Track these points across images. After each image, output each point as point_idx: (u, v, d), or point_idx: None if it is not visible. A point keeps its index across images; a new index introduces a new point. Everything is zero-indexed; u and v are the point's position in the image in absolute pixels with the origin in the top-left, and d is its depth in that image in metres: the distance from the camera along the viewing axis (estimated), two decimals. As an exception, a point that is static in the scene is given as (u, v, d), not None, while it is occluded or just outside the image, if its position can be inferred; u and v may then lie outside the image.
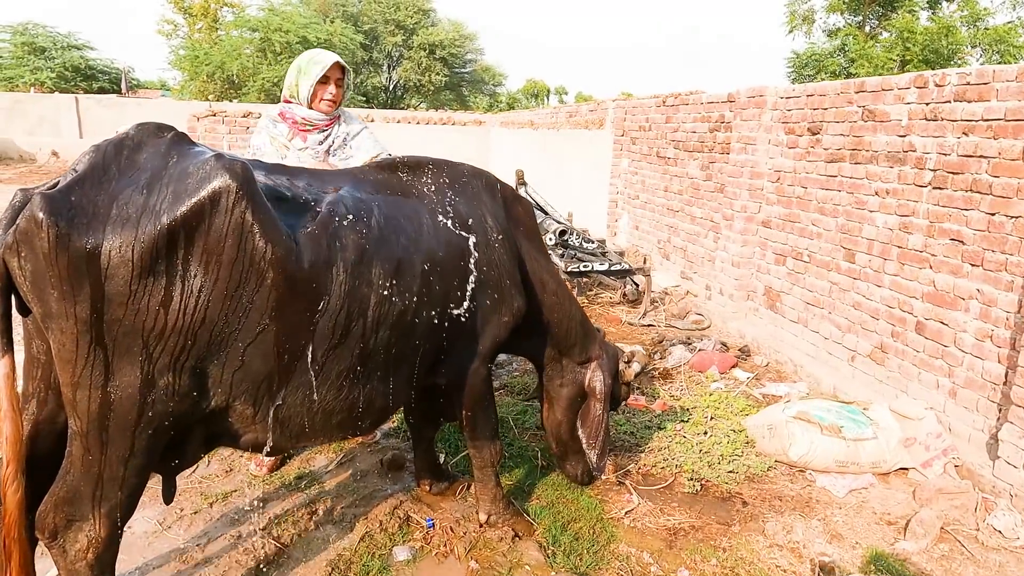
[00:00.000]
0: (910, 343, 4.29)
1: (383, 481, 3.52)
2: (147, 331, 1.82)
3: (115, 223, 1.76)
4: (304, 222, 2.13)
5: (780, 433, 3.82)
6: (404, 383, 2.54)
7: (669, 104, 7.88)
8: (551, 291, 3.07)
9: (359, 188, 2.44)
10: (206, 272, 1.88)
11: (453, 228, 2.62)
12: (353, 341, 2.24)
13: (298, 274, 2.03)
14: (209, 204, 1.86)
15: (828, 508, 3.45)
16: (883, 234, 4.52)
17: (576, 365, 3.22)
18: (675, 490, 3.59)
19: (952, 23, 15.05)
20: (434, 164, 2.76)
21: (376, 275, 2.26)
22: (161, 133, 2.01)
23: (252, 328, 1.99)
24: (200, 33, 34.28)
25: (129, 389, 1.84)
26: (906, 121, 4.33)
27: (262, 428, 2.18)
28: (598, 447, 3.16)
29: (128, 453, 1.92)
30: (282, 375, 2.12)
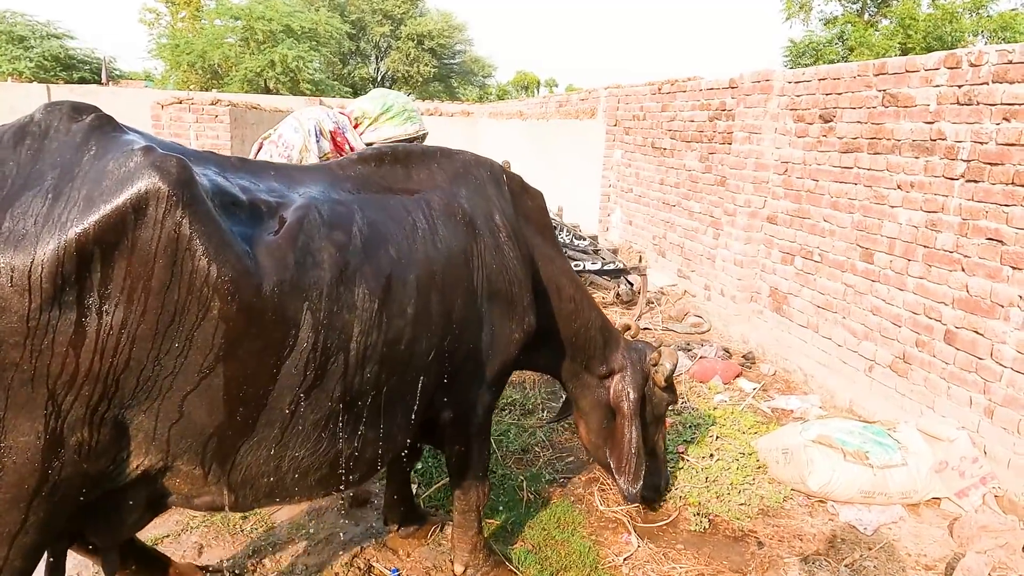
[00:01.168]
0: (938, 354, 3.85)
1: (342, 521, 3.04)
2: (52, 378, 1.43)
3: (8, 241, 1.36)
4: (264, 233, 1.67)
5: (797, 459, 3.37)
6: (400, 426, 2.06)
7: (665, 91, 7.41)
8: (568, 296, 2.62)
9: (336, 187, 1.94)
10: (130, 302, 1.46)
11: (455, 230, 2.12)
12: (332, 382, 1.77)
13: (254, 302, 1.58)
14: (132, 213, 1.43)
15: (856, 549, 3.01)
16: (907, 232, 4.07)
17: (598, 379, 2.79)
18: (680, 527, 3.13)
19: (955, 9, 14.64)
20: (427, 153, 2.27)
21: (360, 297, 1.79)
22: (78, 116, 1.54)
23: (193, 372, 1.57)
24: (183, 22, 33.52)
25: (27, 451, 1.45)
26: (935, 106, 3.87)
27: (217, 490, 1.76)
28: (629, 472, 2.73)
29: (16, 530, 1.51)
30: (236, 430, 1.68)
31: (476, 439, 2.46)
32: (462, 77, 42.22)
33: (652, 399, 2.90)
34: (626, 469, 2.73)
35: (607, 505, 3.26)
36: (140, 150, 1.50)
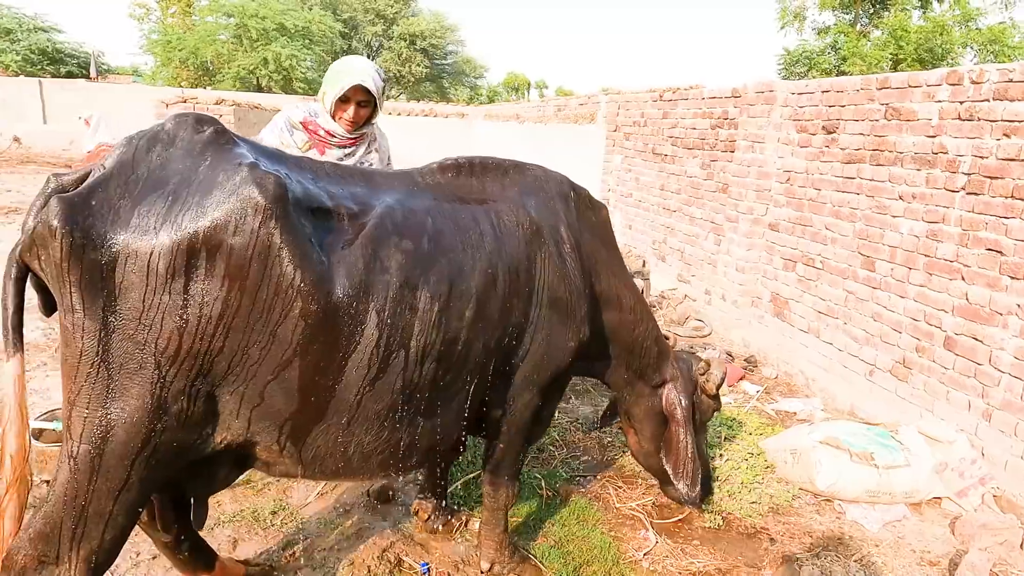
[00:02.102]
0: (937, 359, 4.00)
1: (370, 516, 3.13)
2: (159, 351, 1.66)
3: (133, 234, 1.61)
4: (343, 240, 1.86)
5: (806, 459, 3.50)
6: (453, 419, 2.24)
7: (667, 99, 7.54)
8: (628, 308, 2.75)
9: (413, 196, 2.12)
10: (227, 296, 1.68)
11: (520, 240, 2.28)
12: (393, 376, 1.97)
13: (329, 303, 1.79)
14: (235, 223, 1.66)
15: (864, 545, 3.14)
16: (908, 241, 4.22)
17: (651, 388, 2.93)
18: (694, 524, 3.25)
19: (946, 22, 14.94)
20: (501, 167, 2.45)
21: (422, 300, 1.98)
22: (200, 128, 1.78)
23: (274, 362, 1.77)
24: (173, 18, 33.28)
25: (136, 413, 1.67)
26: (936, 120, 4.02)
27: (291, 463, 1.98)
28: (687, 476, 2.87)
29: (121, 486, 1.71)
30: (308, 415, 1.89)
31: (517, 442, 2.56)
32: (453, 78, 42.25)
33: (699, 406, 3.03)
34: (684, 474, 2.86)
35: (623, 502, 3.37)
36: (246, 165, 1.71)
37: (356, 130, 2.94)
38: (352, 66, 2.85)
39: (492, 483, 2.66)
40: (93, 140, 9.75)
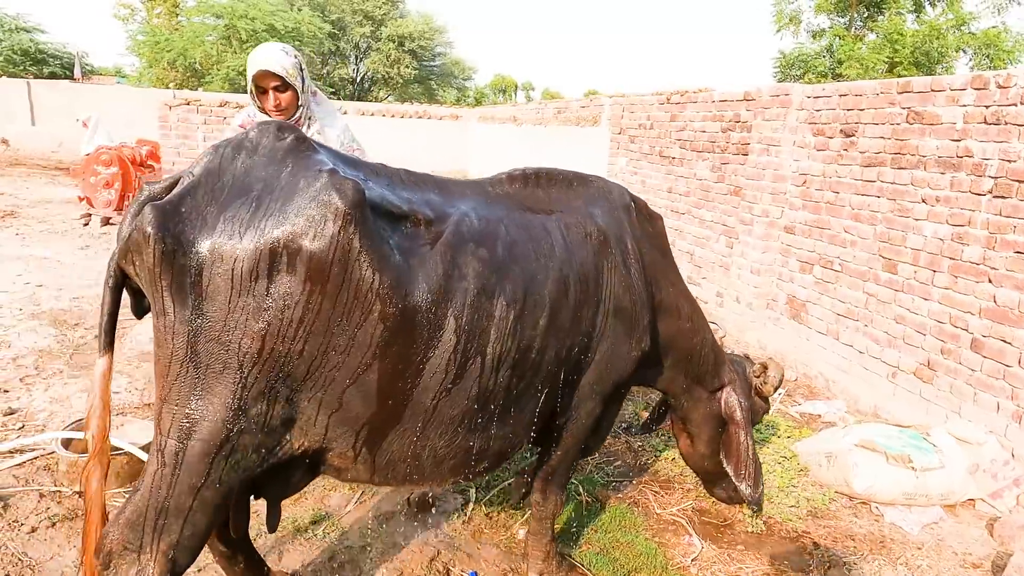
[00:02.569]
0: (964, 361, 4.03)
1: (412, 524, 3.09)
2: (242, 352, 1.68)
3: (220, 239, 1.64)
4: (420, 246, 1.88)
5: (842, 462, 3.51)
6: (523, 426, 2.26)
7: (674, 102, 7.55)
8: (686, 316, 2.76)
9: (486, 205, 2.14)
10: (308, 300, 1.69)
11: (588, 250, 2.30)
12: (469, 382, 1.97)
13: (407, 308, 1.80)
14: (315, 229, 1.67)
15: (906, 549, 3.15)
16: (932, 244, 4.25)
17: (709, 393, 2.93)
18: (736, 529, 3.24)
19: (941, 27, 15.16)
20: (566, 178, 2.48)
21: (499, 307, 1.99)
22: (281, 135, 1.82)
23: (353, 367, 1.78)
24: (159, 18, 32.93)
25: (218, 412, 1.70)
26: (961, 124, 4.05)
27: (363, 469, 2.00)
28: (750, 477, 2.85)
29: (201, 482, 1.75)
30: (385, 421, 1.90)
31: (573, 449, 2.56)
32: (441, 79, 42.17)
33: (753, 408, 3.03)
34: (746, 475, 2.86)
35: (663, 508, 3.35)
36: (326, 172, 1.72)
37: (290, 117, 2.93)
38: (254, 56, 2.84)
39: (543, 491, 2.65)
40: (92, 142, 9.65)
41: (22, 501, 3.05)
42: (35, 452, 3.44)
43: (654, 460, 3.83)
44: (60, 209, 10.23)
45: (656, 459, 3.83)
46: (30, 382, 4.31)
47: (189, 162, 7.95)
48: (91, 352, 4.86)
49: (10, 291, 5.94)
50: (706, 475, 3.16)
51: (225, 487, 1.78)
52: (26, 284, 6.18)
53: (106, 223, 9.08)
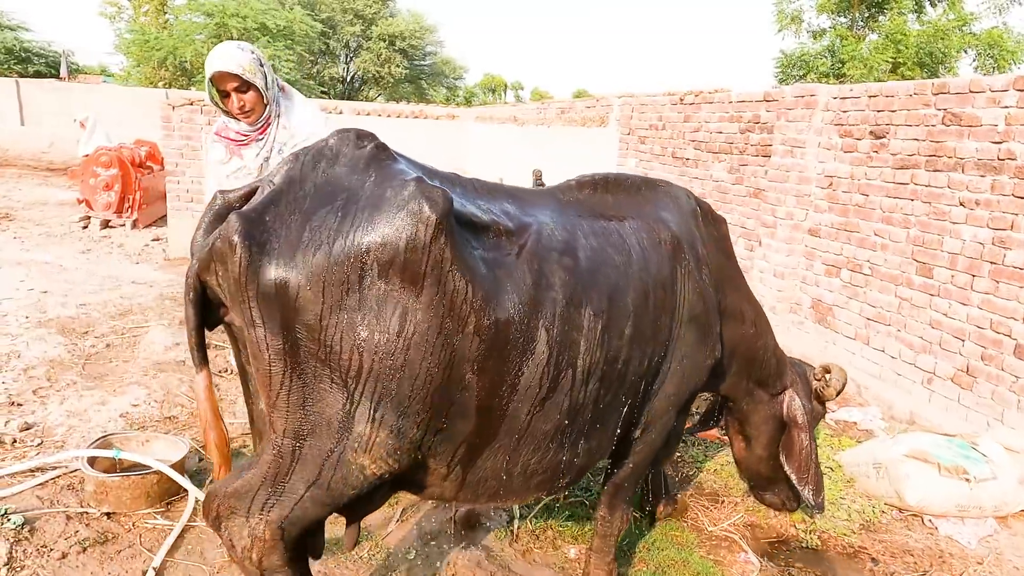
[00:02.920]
0: (1007, 367, 3.96)
1: (458, 544, 2.96)
2: (344, 370, 1.63)
3: (306, 250, 1.57)
4: (504, 256, 1.82)
5: (893, 473, 3.43)
6: (607, 438, 2.23)
7: (688, 102, 7.47)
8: (750, 322, 2.68)
9: (560, 213, 2.06)
10: (403, 313, 1.62)
11: (662, 256, 2.23)
12: (561, 395, 1.92)
13: (502, 320, 1.75)
14: (406, 238, 1.59)
15: (965, 564, 3.07)
16: (971, 248, 4.18)
17: (770, 396, 2.86)
18: (791, 545, 3.15)
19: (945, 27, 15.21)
20: (633, 183, 2.42)
21: (586, 318, 1.93)
22: (361, 143, 1.76)
23: (452, 382, 1.72)
24: (146, 16, 32.51)
25: (325, 423, 1.66)
26: (1003, 127, 3.98)
27: (451, 487, 1.94)
28: (812, 481, 2.80)
29: (313, 480, 1.73)
30: (482, 436, 1.85)
31: (645, 462, 2.49)
32: (432, 78, 41.98)
33: (813, 412, 2.95)
34: (808, 479, 2.80)
35: (714, 523, 3.26)
36: (413, 180, 1.64)
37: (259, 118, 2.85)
38: (209, 58, 2.75)
39: (610, 506, 2.56)
40: (90, 143, 9.44)
41: (48, 524, 2.90)
42: (57, 471, 3.28)
43: (696, 472, 3.73)
44: (56, 211, 10.01)
45: (698, 471, 3.73)
46: (44, 395, 4.14)
47: (192, 163, 7.72)
48: (103, 362, 4.70)
49: (14, 298, 5.75)
50: (759, 479, 3.08)
51: (336, 493, 1.75)
52: (30, 291, 5.99)
53: (105, 226, 8.88)
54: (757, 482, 3.11)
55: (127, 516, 3.02)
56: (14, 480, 3.19)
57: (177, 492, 3.20)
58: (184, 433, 3.75)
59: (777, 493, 3.09)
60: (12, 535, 2.76)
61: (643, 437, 2.39)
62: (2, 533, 2.77)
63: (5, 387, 4.17)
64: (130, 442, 3.36)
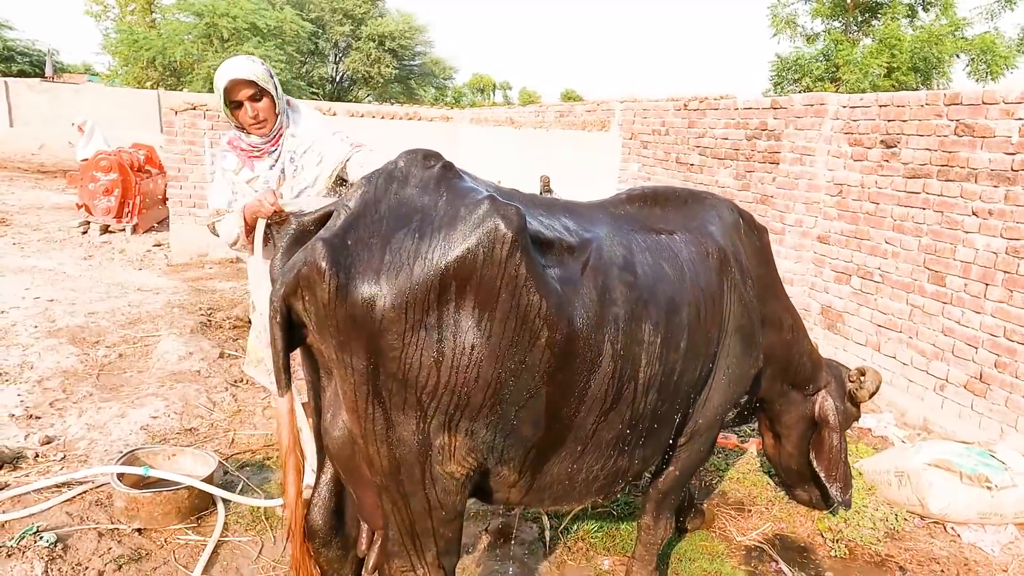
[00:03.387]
0: (1021, 375, 4.03)
1: (492, 556, 2.98)
2: (420, 387, 1.66)
3: (389, 272, 1.61)
4: (570, 272, 1.86)
5: (916, 482, 3.48)
6: (661, 445, 2.32)
7: (692, 108, 7.52)
8: (788, 328, 2.75)
9: (616, 228, 2.10)
10: (479, 327, 1.66)
11: (711, 269, 2.29)
12: (623, 406, 2.00)
13: (571, 333, 1.80)
14: (483, 255, 1.63)
15: (991, 571, 3.12)
16: (984, 257, 4.24)
17: (803, 396, 2.94)
18: (820, 554, 3.19)
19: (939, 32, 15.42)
20: (679, 196, 2.47)
21: (646, 331, 2.00)
22: (429, 163, 1.79)
23: (523, 391, 1.77)
24: (133, 15, 32.18)
25: (410, 445, 1.71)
26: (1017, 138, 4.05)
27: (518, 492, 1.99)
28: (841, 479, 2.91)
29: (428, 506, 1.80)
30: (552, 444, 1.92)
31: (691, 471, 2.54)
32: (422, 79, 41.87)
33: (847, 413, 3.01)
34: (837, 476, 2.90)
35: (743, 533, 3.29)
36: (486, 199, 1.67)
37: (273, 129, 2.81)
38: (221, 70, 2.75)
39: (655, 514, 2.61)
40: (88, 147, 9.34)
41: (81, 541, 2.88)
42: (84, 487, 3.26)
43: (719, 481, 3.76)
44: (52, 216, 9.90)
45: (721, 480, 3.77)
46: (61, 407, 4.11)
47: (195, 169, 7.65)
48: (117, 372, 4.66)
49: (21, 307, 5.69)
50: (790, 475, 3.18)
51: (448, 505, 1.81)
52: (36, 299, 5.92)
53: (105, 231, 8.79)
54: (788, 478, 3.19)
55: (158, 532, 3.00)
56: (41, 496, 3.17)
57: (206, 507, 3.19)
58: (205, 445, 3.73)
59: (807, 490, 3.19)
60: (46, 554, 2.74)
61: (689, 445, 2.44)
62: (36, 552, 2.75)
63: (21, 399, 4.13)
64: (156, 456, 3.34)
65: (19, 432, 3.75)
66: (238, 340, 5.42)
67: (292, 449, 1.84)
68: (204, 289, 6.82)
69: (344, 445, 1.82)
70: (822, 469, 2.91)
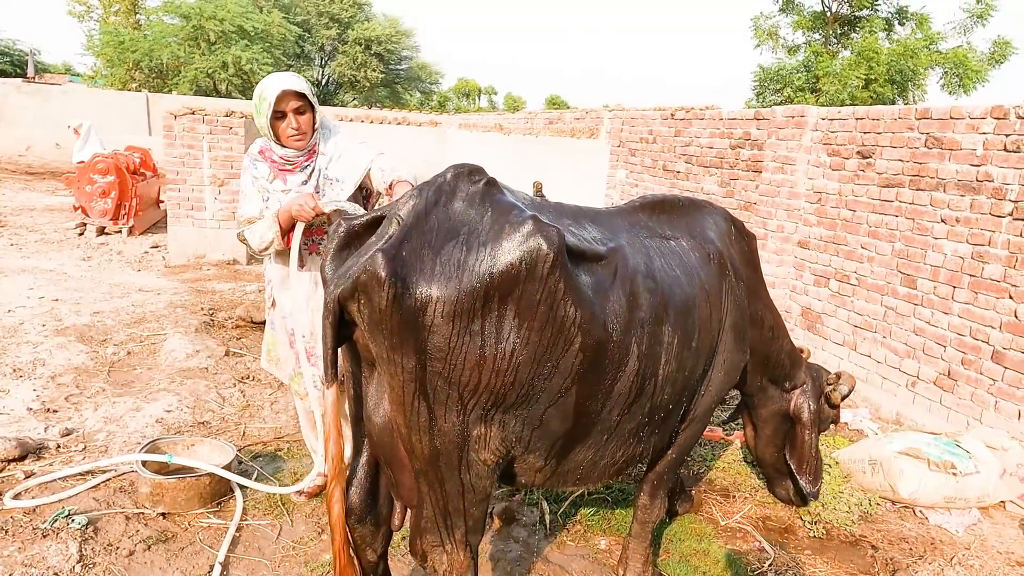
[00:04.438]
0: (985, 371, 4.32)
1: (499, 538, 3.20)
2: (462, 386, 1.85)
3: (440, 281, 1.77)
4: (602, 279, 2.05)
5: (887, 469, 3.74)
6: (669, 434, 2.57)
7: (679, 118, 7.80)
8: (768, 327, 3.00)
9: (632, 236, 2.33)
10: (518, 335, 1.85)
11: (712, 272, 2.53)
12: (644, 400, 2.23)
13: (603, 338, 2.00)
14: (526, 271, 1.82)
15: (955, 549, 3.39)
16: (952, 262, 4.54)
17: (780, 392, 3.19)
18: (799, 534, 3.44)
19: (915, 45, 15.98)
20: (681, 204, 2.69)
21: (666, 332, 2.23)
22: (473, 179, 1.97)
23: (555, 390, 1.97)
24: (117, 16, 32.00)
25: (450, 434, 1.90)
26: (981, 151, 4.35)
27: (542, 476, 2.20)
28: (810, 473, 3.19)
29: (461, 489, 2.00)
30: (578, 435, 2.13)
31: (684, 454, 2.78)
32: (408, 83, 41.98)
33: (821, 414, 3.25)
34: (806, 470, 3.19)
35: (727, 516, 3.53)
36: (530, 218, 1.85)
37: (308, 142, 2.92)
38: (272, 81, 2.83)
39: (651, 494, 2.82)
40: (85, 150, 9.43)
41: (110, 524, 3.05)
42: (108, 474, 3.43)
43: (706, 470, 4.01)
44: (46, 217, 9.97)
45: (709, 468, 4.01)
46: (76, 401, 4.26)
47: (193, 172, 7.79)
48: (127, 369, 4.82)
49: (27, 306, 5.82)
50: (766, 468, 3.45)
51: (479, 488, 2.02)
52: (40, 299, 6.05)
53: (101, 232, 8.89)
54: (766, 471, 3.45)
55: (181, 516, 3.18)
56: (67, 483, 3.33)
57: (225, 493, 3.38)
58: (219, 437, 3.91)
59: (784, 487, 3.43)
60: (79, 535, 2.92)
61: (687, 430, 2.68)
62: (69, 533, 2.92)
63: (37, 394, 4.28)
64: (176, 446, 3.52)
65: (38, 425, 3.90)
66: (241, 339, 5.59)
67: (336, 440, 1.99)
68: (204, 290, 6.97)
69: (385, 432, 2.00)
70: (794, 462, 3.21)
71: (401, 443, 1.95)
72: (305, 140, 2.92)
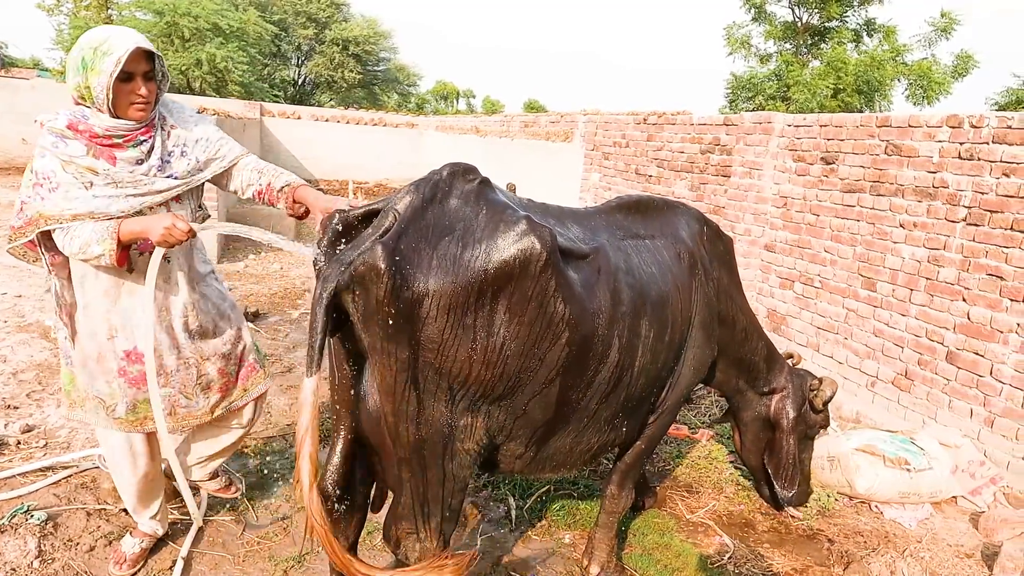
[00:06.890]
0: (940, 371, 4.46)
1: (467, 532, 3.22)
2: (453, 377, 1.90)
3: (436, 275, 1.81)
4: (588, 277, 2.13)
5: (844, 465, 3.85)
6: (641, 422, 2.68)
7: (651, 123, 7.92)
8: (741, 327, 3.06)
9: (612, 233, 2.40)
10: (508, 329, 1.91)
11: (683, 270, 2.61)
12: (621, 389, 2.33)
13: (588, 333, 2.09)
14: (519, 269, 1.88)
15: (907, 542, 3.50)
16: (909, 265, 4.68)
17: (760, 396, 3.27)
18: (759, 529, 3.52)
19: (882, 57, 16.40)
20: (656, 205, 2.77)
21: (643, 326, 2.33)
22: (468, 177, 2.00)
23: (540, 381, 2.04)
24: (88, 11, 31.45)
25: (438, 422, 1.95)
26: (937, 158, 4.50)
27: (521, 463, 2.28)
28: (787, 479, 3.26)
29: (443, 477, 2.04)
30: (558, 423, 2.22)
31: (652, 446, 2.85)
32: (385, 84, 41.86)
33: (807, 419, 3.33)
34: (783, 475, 3.24)
35: (692, 512, 3.60)
36: (524, 219, 1.91)
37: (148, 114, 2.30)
38: (111, 37, 2.19)
39: (619, 485, 2.88)
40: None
41: (70, 520, 3.02)
42: (69, 471, 3.39)
43: (672, 467, 4.08)
44: (9, 213, 9.76)
45: (676, 466, 4.08)
46: (38, 398, 4.20)
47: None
48: (92, 366, 4.75)
49: (-11, 302, 5.71)
50: (754, 470, 3.51)
51: (460, 477, 2.08)
52: (3, 294, 5.94)
53: (67, 229, 8.72)
54: (753, 472, 3.52)
55: (144, 512, 3.15)
56: (27, 479, 3.29)
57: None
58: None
59: (767, 490, 3.48)
60: (37, 530, 2.88)
61: (656, 422, 2.76)
62: (28, 529, 2.89)
63: (-2, 390, 4.21)
64: (140, 442, 3.48)
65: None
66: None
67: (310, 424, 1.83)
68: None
69: (372, 420, 2.02)
70: (771, 467, 3.29)
71: (387, 431, 1.96)
72: (147, 112, 2.30)
